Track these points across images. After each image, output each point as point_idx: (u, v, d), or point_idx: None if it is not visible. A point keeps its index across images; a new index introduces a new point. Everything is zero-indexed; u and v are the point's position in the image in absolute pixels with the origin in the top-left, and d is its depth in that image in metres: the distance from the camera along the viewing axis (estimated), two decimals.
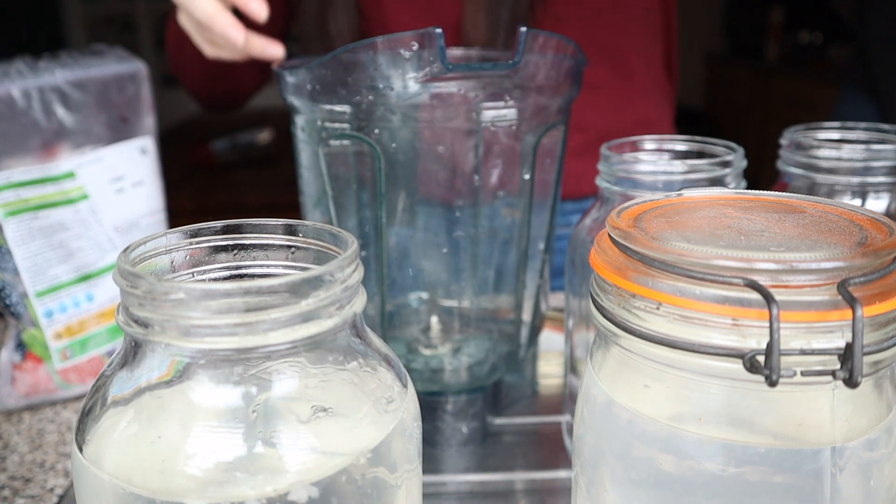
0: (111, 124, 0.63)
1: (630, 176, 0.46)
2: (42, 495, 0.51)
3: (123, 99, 0.64)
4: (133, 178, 0.64)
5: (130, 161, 0.64)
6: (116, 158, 0.63)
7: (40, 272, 0.60)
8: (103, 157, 0.62)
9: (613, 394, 0.29)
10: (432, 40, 0.45)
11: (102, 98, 0.62)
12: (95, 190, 0.62)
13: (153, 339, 0.26)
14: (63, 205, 0.61)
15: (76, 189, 0.61)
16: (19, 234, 0.59)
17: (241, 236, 0.32)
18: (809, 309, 0.25)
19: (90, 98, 0.61)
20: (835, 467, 0.26)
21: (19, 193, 0.59)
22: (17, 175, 0.59)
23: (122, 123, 0.64)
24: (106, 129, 0.63)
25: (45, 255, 0.60)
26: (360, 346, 0.30)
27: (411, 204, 0.54)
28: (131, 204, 0.64)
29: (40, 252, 0.60)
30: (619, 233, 0.29)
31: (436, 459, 0.54)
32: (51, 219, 0.60)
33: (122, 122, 0.64)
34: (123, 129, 0.64)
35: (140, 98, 0.65)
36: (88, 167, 0.61)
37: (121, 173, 0.63)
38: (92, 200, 0.62)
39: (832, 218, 0.30)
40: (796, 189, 0.52)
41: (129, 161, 0.64)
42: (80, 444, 0.28)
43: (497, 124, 0.50)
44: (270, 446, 0.26)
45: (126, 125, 0.64)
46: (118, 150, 0.63)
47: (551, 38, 0.48)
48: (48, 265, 0.60)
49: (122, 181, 0.63)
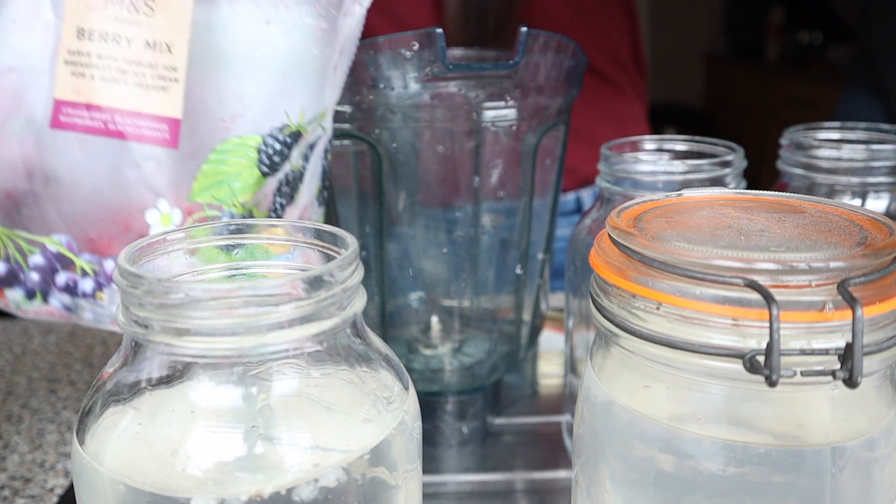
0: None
1: (630, 176, 0.46)
2: (42, 495, 0.51)
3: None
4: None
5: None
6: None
7: None
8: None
9: (613, 394, 0.29)
10: (433, 40, 0.45)
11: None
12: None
13: (153, 339, 0.26)
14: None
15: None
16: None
17: (242, 236, 0.32)
18: (809, 309, 0.25)
19: None
20: (835, 467, 0.26)
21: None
22: None
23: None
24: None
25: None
26: (361, 347, 0.30)
27: (411, 204, 0.54)
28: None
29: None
30: (619, 233, 0.29)
31: (436, 459, 0.54)
32: None
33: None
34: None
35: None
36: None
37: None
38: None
39: (832, 218, 0.30)
40: (796, 189, 0.52)
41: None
42: (80, 443, 0.28)
43: (497, 124, 0.50)
44: (270, 446, 0.26)
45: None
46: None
47: (552, 38, 0.48)
48: None
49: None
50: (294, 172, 0.43)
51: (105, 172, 0.42)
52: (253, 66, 0.41)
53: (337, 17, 0.42)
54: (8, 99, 0.41)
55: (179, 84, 0.41)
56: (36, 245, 0.43)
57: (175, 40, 0.41)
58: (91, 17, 0.41)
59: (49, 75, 0.42)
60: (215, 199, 0.42)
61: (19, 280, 0.44)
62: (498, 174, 0.53)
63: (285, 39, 0.41)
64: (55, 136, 0.42)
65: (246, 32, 0.41)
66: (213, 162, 0.42)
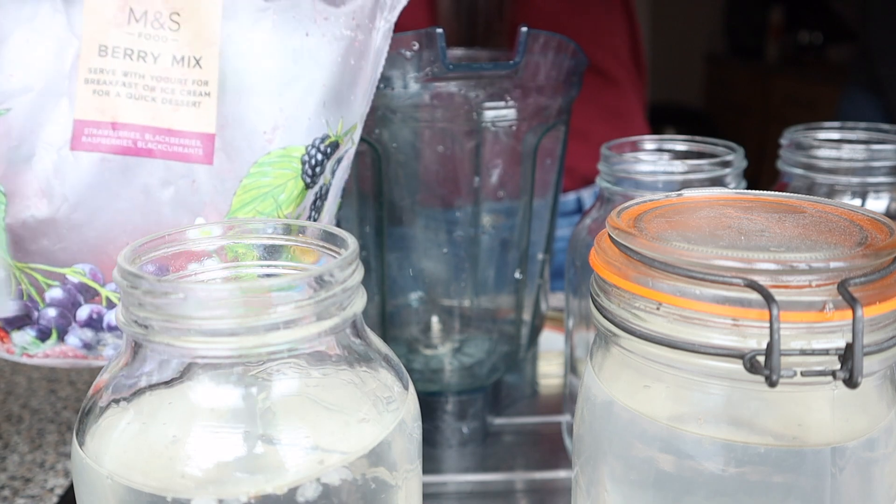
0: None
1: (630, 176, 0.46)
2: (42, 495, 0.51)
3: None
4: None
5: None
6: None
7: None
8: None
9: (613, 394, 0.29)
10: (433, 40, 0.45)
11: None
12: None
13: (153, 339, 0.26)
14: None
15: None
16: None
17: (242, 236, 0.32)
18: (809, 309, 0.25)
19: None
20: (835, 467, 0.26)
21: None
22: None
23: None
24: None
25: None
26: (361, 347, 0.30)
27: (411, 204, 0.54)
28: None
29: None
30: (619, 233, 0.29)
31: (436, 459, 0.54)
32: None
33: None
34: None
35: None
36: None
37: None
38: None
39: (832, 218, 0.30)
40: (796, 189, 0.52)
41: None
42: (80, 443, 0.28)
43: (497, 124, 0.50)
44: (270, 446, 0.26)
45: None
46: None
47: (552, 38, 0.48)
48: None
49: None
50: (325, 186, 0.43)
51: (134, 194, 0.40)
52: (294, 78, 0.41)
53: (371, 30, 0.42)
54: (23, 120, 0.40)
55: (212, 98, 0.40)
56: (55, 278, 0.41)
57: (204, 54, 0.40)
58: (113, 34, 0.40)
59: (68, 95, 0.40)
60: (259, 214, 0.41)
61: (32, 319, 0.42)
62: (498, 174, 0.53)
63: (326, 50, 0.41)
64: (77, 158, 0.40)
65: (286, 45, 0.41)
66: (255, 175, 0.40)
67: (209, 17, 0.40)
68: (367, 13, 0.41)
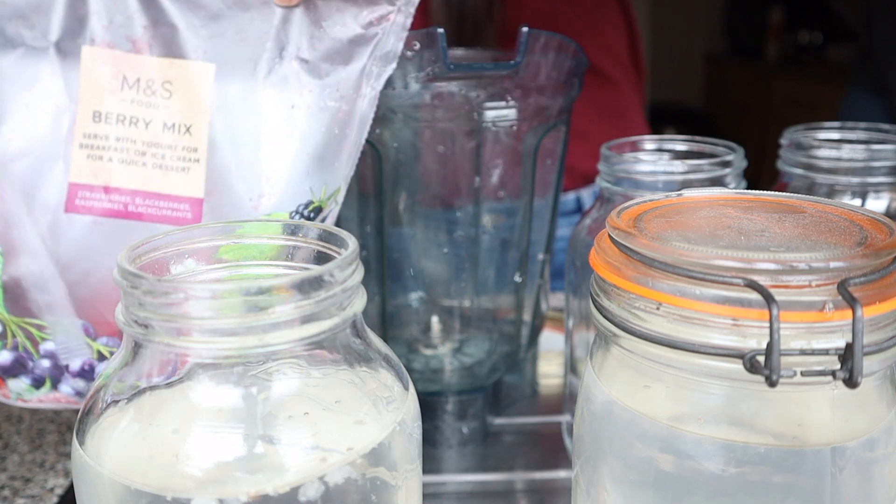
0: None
1: (630, 176, 0.46)
2: (42, 495, 0.51)
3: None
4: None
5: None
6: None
7: None
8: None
9: (613, 394, 0.29)
10: (434, 40, 0.45)
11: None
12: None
13: (153, 339, 0.26)
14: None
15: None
16: None
17: (242, 236, 0.32)
18: (809, 309, 0.25)
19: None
20: (835, 467, 0.26)
21: None
22: None
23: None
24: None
25: None
26: (361, 347, 0.30)
27: (412, 204, 0.54)
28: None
29: None
30: (619, 233, 0.29)
31: (436, 459, 0.54)
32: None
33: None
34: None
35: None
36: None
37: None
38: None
39: (832, 218, 0.30)
40: (796, 189, 0.52)
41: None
42: (80, 443, 0.28)
43: (498, 124, 0.50)
44: (270, 446, 0.26)
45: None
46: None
47: (553, 38, 0.48)
48: None
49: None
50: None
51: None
52: (280, 148, 0.42)
53: (356, 99, 0.43)
54: (20, 183, 0.41)
55: (201, 164, 0.42)
56: (49, 332, 0.43)
57: (194, 122, 0.42)
58: (107, 101, 0.41)
59: (63, 159, 0.41)
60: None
61: (26, 369, 0.43)
62: (498, 174, 0.53)
63: (310, 122, 0.42)
64: (70, 220, 0.41)
65: (272, 116, 0.42)
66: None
67: (201, 88, 0.42)
68: (352, 83, 0.43)
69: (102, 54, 0.41)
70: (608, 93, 0.90)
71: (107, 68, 0.41)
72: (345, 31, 0.42)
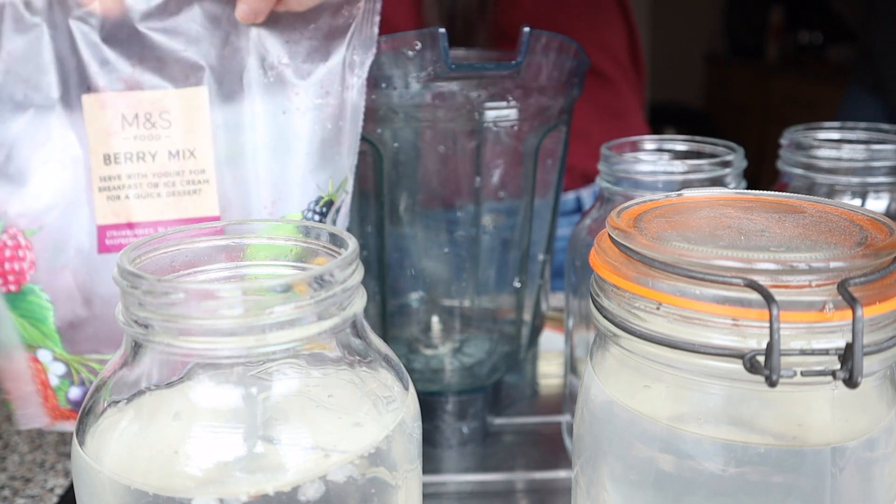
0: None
1: (630, 176, 0.46)
2: (42, 495, 0.51)
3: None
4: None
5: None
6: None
7: None
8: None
9: (613, 394, 0.29)
10: (435, 40, 0.45)
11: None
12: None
13: (153, 339, 0.26)
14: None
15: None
16: None
17: (242, 236, 0.32)
18: (809, 309, 0.25)
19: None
20: (835, 467, 0.26)
21: None
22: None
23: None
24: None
25: None
26: (361, 346, 0.30)
27: (412, 203, 0.54)
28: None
29: None
30: (619, 233, 0.29)
31: (436, 459, 0.54)
32: None
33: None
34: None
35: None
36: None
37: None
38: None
39: (832, 218, 0.30)
40: (796, 189, 0.52)
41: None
42: (80, 443, 0.28)
43: (499, 124, 0.50)
44: (270, 446, 0.26)
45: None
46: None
47: (554, 38, 0.48)
48: None
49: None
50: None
51: None
52: (281, 153, 0.44)
53: (342, 92, 0.44)
54: (54, 235, 0.42)
55: (211, 184, 0.43)
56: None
57: (197, 145, 0.43)
58: (113, 142, 0.43)
59: (88, 204, 0.43)
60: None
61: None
62: (499, 174, 0.53)
63: (303, 123, 0.44)
64: (105, 261, 0.43)
65: (267, 125, 0.44)
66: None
67: (197, 112, 0.43)
68: (336, 77, 0.44)
69: (100, 99, 0.43)
70: (607, 93, 0.90)
71: (107, 112, 0.43)
72: (318, 28, 0.43)
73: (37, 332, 0.43)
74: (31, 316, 0.43)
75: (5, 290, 0.43)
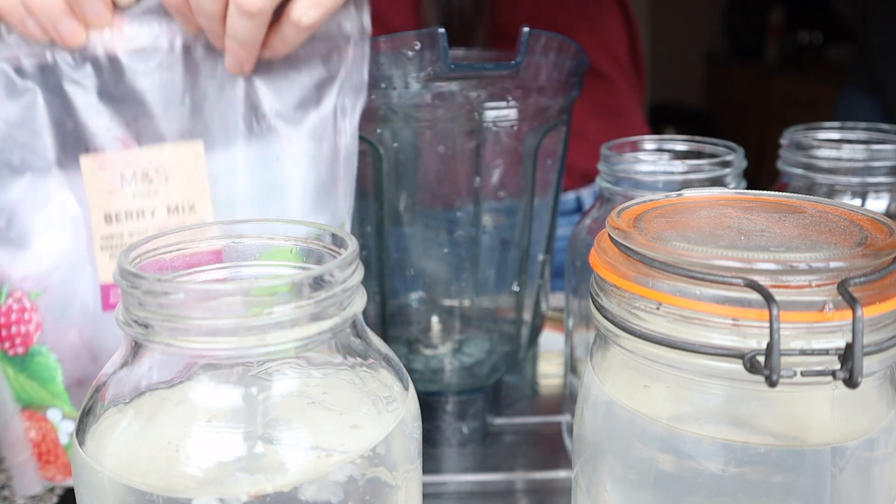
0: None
1: (630, 176, 0.46)
2: (42, 495, 0.51)
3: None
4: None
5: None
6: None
7: None
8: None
9: (613, 394, 0.29)
10: (434, 40, 0.45)
11: None
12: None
13: (153, 339, 0.26)
14: None
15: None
16: None
17: (242, 236, 0.32)
18: (809, 309, 0.25)
19: None
20: (835, 467, 0.26)
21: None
22: None
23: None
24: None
25: None
26: (361, 347, 0.30)
27: (412, 204, 0.54)
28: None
29: None
30: (619, 233, 0.29)
31: (436, 459, 0.54)
32: None
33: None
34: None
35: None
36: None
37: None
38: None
39: (832, 218, 0.30)
40: (796, 189, 0.52)
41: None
42: (80, 443, 0.28)
43: (498, 124, 0.50)
44: (270, 446, 0.26)
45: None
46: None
47: (553, 38, 0.48)
48: None
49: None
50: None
51: None
52: (277, 200, 0.44)
53: (335, 137, 0.44)
54: (59, 295, 0.43)
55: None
56: None
57: (196, 199, 0.44)
58: (113, 201, 0.43)
59: (90, 263, 0.43)
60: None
61: None
62: (499, 174, 0.53)
63: (297, 169, 0.44)
64: (110, 318, 0.43)
65: (262, 172, 0.44)
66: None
67: (194, 166, 0.44)
68: (329, 123, 0.44)
69: (98, 160, 0.43)
70: (607, 91, 0.90)
71: (105, 171, 0.43)
72: (308, 76, 0.44)
73: (46, 393, 0.43)
74: (40, 377, 0.43)
75: (13, 353, 0.43)
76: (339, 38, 0.43)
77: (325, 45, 0.43)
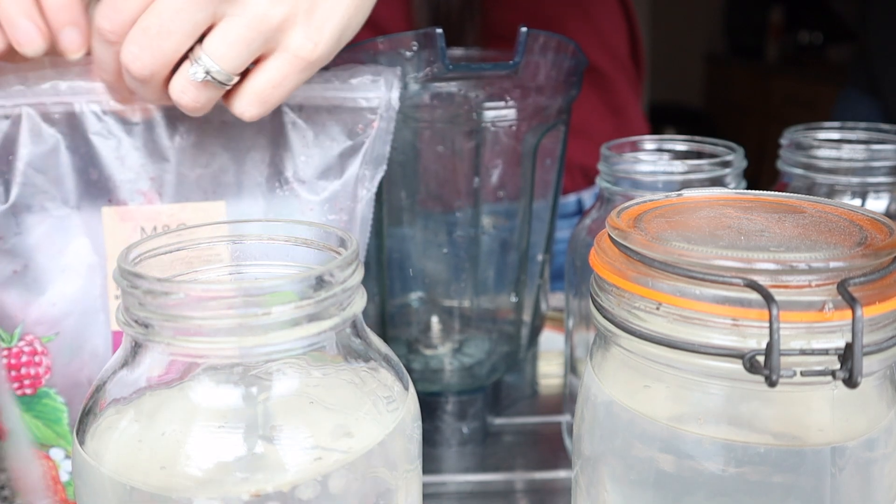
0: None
1: (630, 176, 0.46)
2: None
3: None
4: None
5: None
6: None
7: None
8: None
9: (613, 394, 0.29)
10: (432, 40, 0.45)
11: None
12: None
13: (153, 339, 0.26)
14: None
15: None
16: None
17: (242, 236, 0.32)
18: (809, 309, 0.25)
19: None
20: (835, 467, 0.26)
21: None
22: None
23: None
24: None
25: None
26: (361, 347, 0.30)
27: (411, 204, 0.54)
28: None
29: None
30: (619, 233, 0.29)
31: (436, 459, 0.54)
32: None
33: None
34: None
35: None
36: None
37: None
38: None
39: (832, 218, 0.30)
40: (796, 189, 0.52)
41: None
42: (80, 443, 0.28)
43: (497, 124, 0.50)
44: (270, 446, 0.26)
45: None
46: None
47: (552, 38, 0.48)
48: None
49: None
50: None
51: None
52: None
53: (353, 206, 0.45)
54: (70, 340, 0.43)
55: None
56: None
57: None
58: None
59: (103, 310, 0.43)
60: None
61: None
62: (498, 174, 0.53)
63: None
64: None
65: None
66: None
67: (216, 216, 0.44)
68: (349, 193, 0.45)
69: (119, 212, 0.43)
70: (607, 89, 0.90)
71: (126, 224, 0.43)
72: (334, 146, 0.44)
73: (50, 433, 0.44)
74: (46, 417, 0.43)
75: (21, 394, 0.43)
76: (367, 112, 0.44)
77: (352, 117, 0.44)
